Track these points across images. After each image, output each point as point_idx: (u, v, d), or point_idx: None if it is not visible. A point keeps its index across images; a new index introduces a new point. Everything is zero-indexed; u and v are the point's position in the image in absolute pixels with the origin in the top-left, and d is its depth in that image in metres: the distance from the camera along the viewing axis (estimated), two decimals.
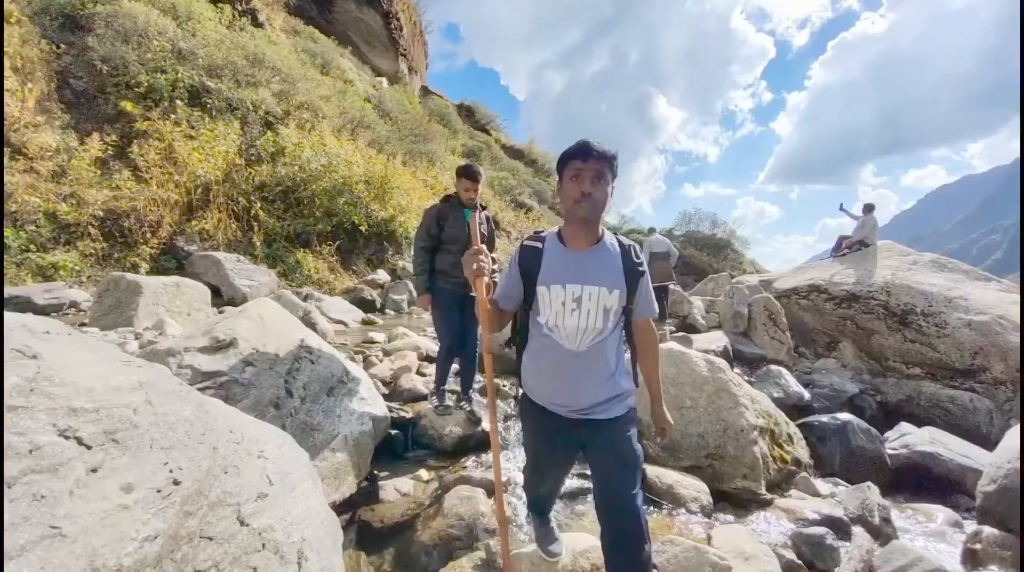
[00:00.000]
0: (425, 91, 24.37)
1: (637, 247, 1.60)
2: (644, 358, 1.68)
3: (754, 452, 2.85)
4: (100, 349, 1.52)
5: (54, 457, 0.98)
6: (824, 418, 4.07)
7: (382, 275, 8.74)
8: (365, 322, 6.48)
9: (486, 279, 1.57)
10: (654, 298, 1.64)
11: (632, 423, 1.60)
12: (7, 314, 1.47)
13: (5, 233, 5.79)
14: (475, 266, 1.55)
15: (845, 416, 4.09)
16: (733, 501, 2.77)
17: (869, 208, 8.79)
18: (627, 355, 1.68)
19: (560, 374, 1.56)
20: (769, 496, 2.83)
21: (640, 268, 1.56)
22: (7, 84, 6.80)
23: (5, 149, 6.49)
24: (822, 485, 3.24)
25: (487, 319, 1.60)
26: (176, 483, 1.14)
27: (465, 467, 2.85)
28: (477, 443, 3.10)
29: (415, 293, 3.34)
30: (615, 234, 1.61)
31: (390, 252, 9.76)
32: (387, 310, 7.67)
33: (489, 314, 1.59)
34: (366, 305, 7.39)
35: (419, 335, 4.96)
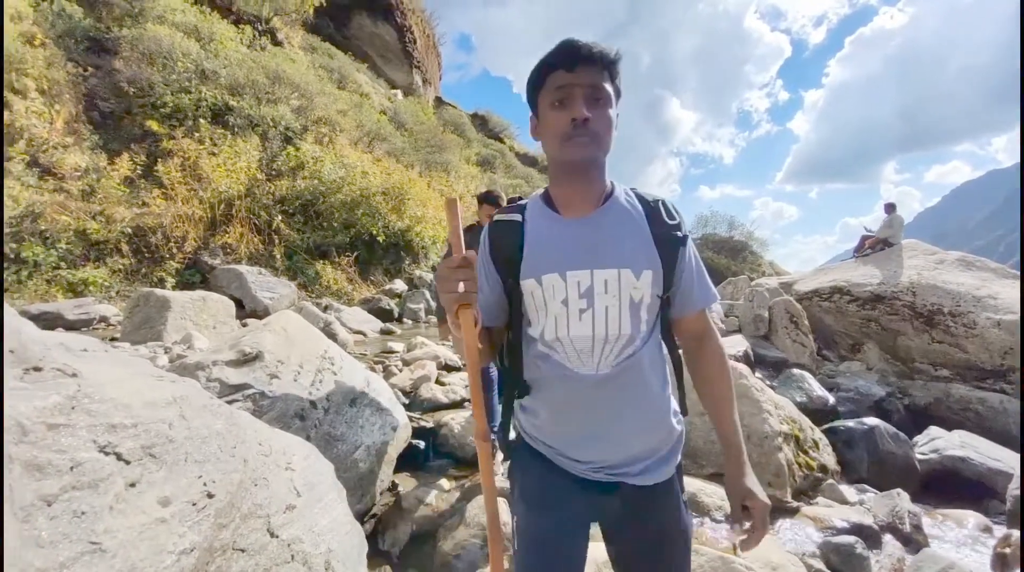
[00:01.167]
0: (439, 102, 24.68)
1: (670, 202, 1.02)
2: (707, 383, 1.06)
3: (779, 459, 2.81)
4: (134, 365, 1.58)
5: (95, 473, 1.02)
6: (850, 423, 3.98)
7: (399, 285, 8.85)
8: (384, 332, 6.56)
9: (472, 312, 0.85)
10: (709, 279, 1.07)
11: (680, 483, 1.05)
12: (46, 333, 1.54)
13: (35, 250, 6.01)
14: (456, 286, 0.82)
15: (872, 420, 3.99)
16: None
17: (891, 207, 8.61)
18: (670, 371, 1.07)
19: (574, 415, 0.99)
20: (796, 504, 2.78)
21: (678, 232, 0.99)
22: (34, 106, 7.09)
23: (35, 169, 6.76)
24: (850, 492, 3.17)
25: (476, 370, 0.91)
26: (210, 496, 1.18)
27: None
28: (498, 452, 3.11)
29: (436, 317, 3.31)
30: (632, 189, 1.05)
31: (407, 262, 9.88)
32: (405, 319, 7.75)
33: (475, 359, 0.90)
34: (384, 315, 7.48)
35: (437, 344, 5.00)
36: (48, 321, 5.07)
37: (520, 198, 1.01)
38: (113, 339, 4.39)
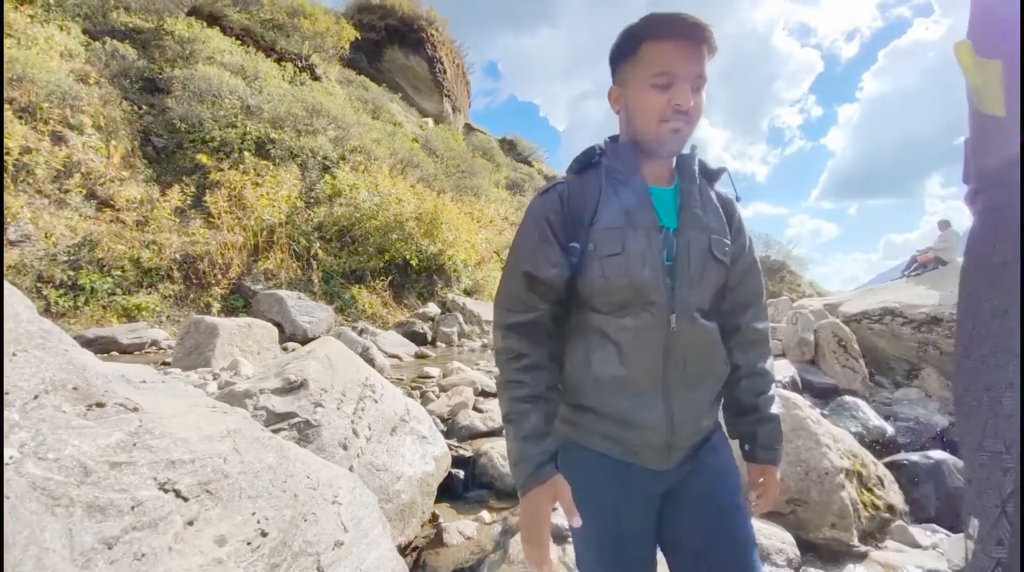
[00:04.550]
0: (469, 128, 25.24)
1: None
2: None
3: (842, 497, 2.61)
4: (190, 396, 1.60)
5: (155, 512, 1.01)
6: (914, 456, 3.71)
7: (432, 308, 8.91)
8: (418, 356, 6.58)
9: None
10: None
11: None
12: (108, 366, 1.58)
13: (92, 278, 6.32)
14: None
15: (939, 454, 3.71)
16: (822, 553, 2.53)
17: (946, 224, 8.21)
18: None
19: None
20: (863, 548, 2.57)
21: None
22: (90, 142, 7.55)
23: (93, 201, 7.17)
24: (921, 534, 2.92)
25: None
26: (264, 534, 1.16)
27: None
28: None
29: (514, 478, 0.90)
30: None
31: (439, 285, 9.96)
32: (438, 343, 7.77)
33: None
34: (418, 338, 7.52)
35: (473, 369, 4.97)
36: (103, 345, 5.31)
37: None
38: (165, 364, 4.54)
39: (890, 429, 4.86)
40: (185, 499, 1.08)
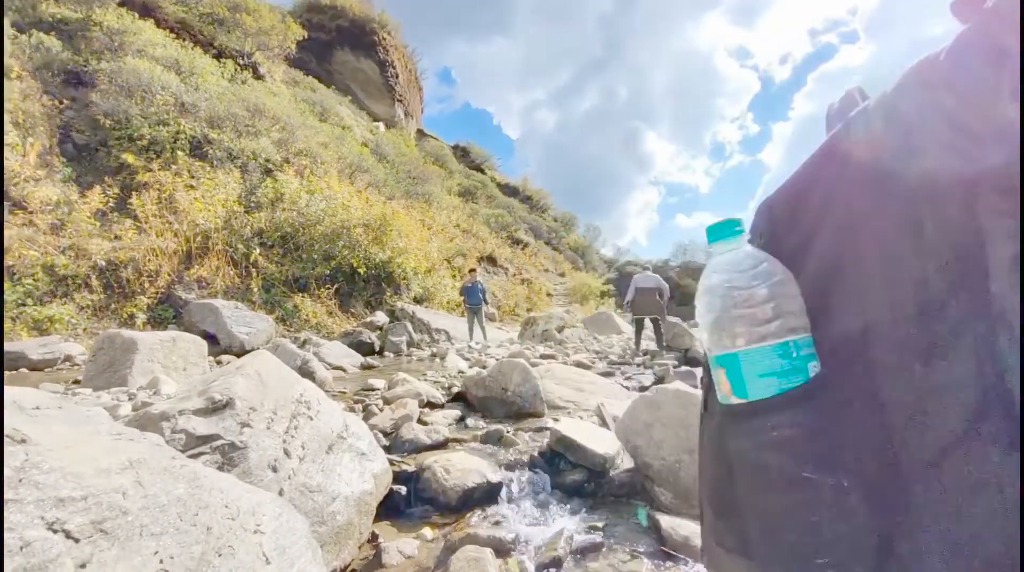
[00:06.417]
0: (421, 134, 25.04)
1: None
2: None
3: None
4: (91, 422, 1.48)
5: (43, 554, 0.93)
6: None
7: (380, 317, 8.70)
8: (364, 367, 6.39)
9: None
10: None
11: None
12: None
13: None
14: None
15: None
16: None
17: None
18: None
19: None
20: None
21: None
22: (7, 139, 6.93)
23: (6, 203, 6.56)
24: None
25: None
26: None
27: (470, 523, 2.73)
28: (483, 495, 2.99)
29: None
30: None
31: (388, 293, 9.76)
32: (386, 353, 7.58)
33: None
34: (364, 348, 7.31)
35: (419, 380, 4.88)
36: (11, 361, 4.84)
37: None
38: (76, 382, 4.16)
39: None
40: (76, 540, 0.99)
